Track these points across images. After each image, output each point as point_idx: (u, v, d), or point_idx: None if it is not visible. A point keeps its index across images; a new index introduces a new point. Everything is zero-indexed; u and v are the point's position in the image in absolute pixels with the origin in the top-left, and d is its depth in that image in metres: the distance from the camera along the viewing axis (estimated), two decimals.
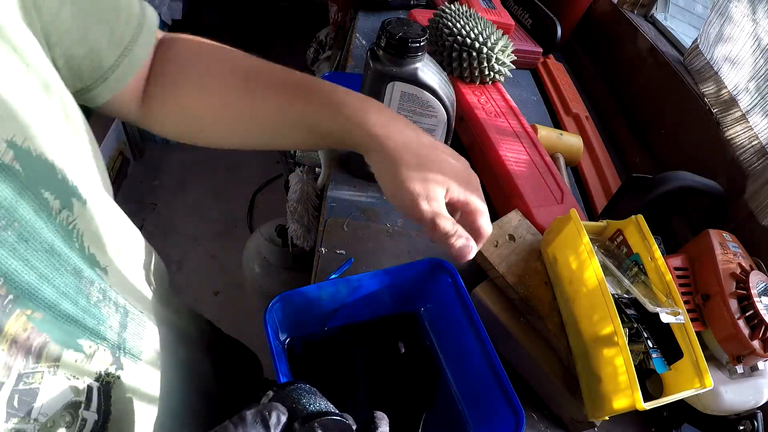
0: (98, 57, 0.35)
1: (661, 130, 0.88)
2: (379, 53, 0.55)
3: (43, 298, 0.25)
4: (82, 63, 0.34)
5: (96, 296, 0.31)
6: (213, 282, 1.69)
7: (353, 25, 1.09)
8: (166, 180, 2.01)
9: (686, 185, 0.61)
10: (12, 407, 0.23)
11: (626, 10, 1.05)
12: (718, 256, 0.52)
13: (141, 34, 0.37)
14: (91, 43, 0.34)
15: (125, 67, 0.37)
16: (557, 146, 0.81)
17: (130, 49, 0.37)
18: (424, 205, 0.39)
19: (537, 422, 0.53)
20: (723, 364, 0.51)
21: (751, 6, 0.73)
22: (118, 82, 0.37)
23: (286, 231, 1.29)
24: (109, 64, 0.36)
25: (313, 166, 1.07)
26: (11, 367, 0.23)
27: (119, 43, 0.36)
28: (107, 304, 0.32)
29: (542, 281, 0.56)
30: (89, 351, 0.29)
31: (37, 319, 0.25)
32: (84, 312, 0.29)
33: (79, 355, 0.28)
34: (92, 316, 0.30)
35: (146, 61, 0.40)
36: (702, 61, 0.83)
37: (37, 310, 0.25)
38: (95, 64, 0.35)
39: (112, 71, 0.36)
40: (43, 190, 0.25)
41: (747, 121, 0.71)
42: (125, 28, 0.36)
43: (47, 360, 0.26)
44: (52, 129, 0.27)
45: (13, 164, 0.23)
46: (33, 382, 0.25)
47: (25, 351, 0.24)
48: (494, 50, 0.81)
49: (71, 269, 0.28)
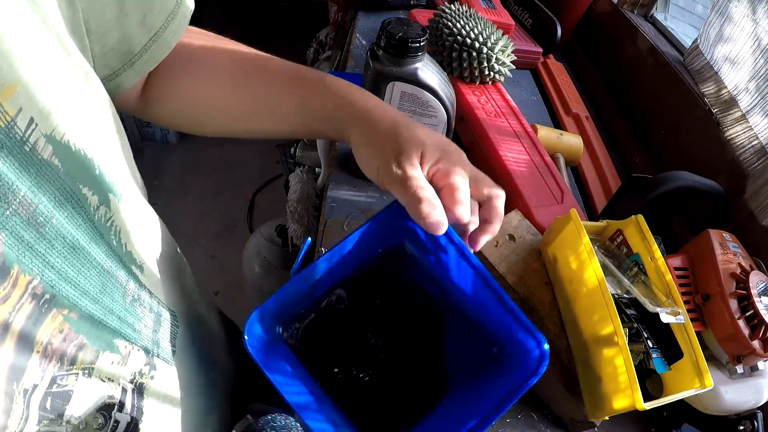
0: (129, 42, 0.34)
1: (661, 130, 0.88)
2: (379, 53, 0.55)
3: (78, 297, 0.25)
4: (114, 48, 0.33)
5: (132, 295, 0.30)
6: (213, 282, 1.70)
7: (353, 25, 1.09)
8: (166, 180, 2.01)
9: (686, 185, 0.61)
10: (44, 409, 0.23)
11: (626, 10, 1.05)
12: (718, 256, 0.52)
13: (174, 20, 0.36)
14: (125, 28, 0.33)
15: (153, 53, 0.36)
16: (557, 146, 0.81)
17: (160, 35, 0.36)
18: (393, 166, 0.36)
19: (537, 422, 0.53)
20: (723, 364, 0.51)
21: (751, 6, 0.73)
22: (144, 66, 0.36)
23: (286, 231, 1.29)
24: (138, 49, 0.35)
25: (313, 166, 1.07)
26: (45, 369, 0.23)
27: (151, 28, 0.35)
28: (142, 304, 0.32)
29: (542, 281, 0.56)
30: (125, 352, 0.29)
31: (73, 320, 0.24)
32: (121, 311, 0.29)
33: (115, 356, 0.28)
34: (128, 315, 0.29)
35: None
36: (702, 61, 0.83)
37: (73, 309, 0.24)
38: (125, 50, 0.34)
39: (140, 56, 0.35)
40: (81, 185, 0.25)
41: (747, 121, 0.71)
42: (158, 15, 0.35)
43: (83, 362, 0.25)
44: (90, 122, 0.26)
45: (52, 159, 0.22)
46: (66, 384, 0.24)
47: (60, 353, 0.24)
48: (494, 50, 0.81)
49: (109, 267, 0.28)
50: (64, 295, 0.24)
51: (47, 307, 0.23)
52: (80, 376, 0.25)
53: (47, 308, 0.23)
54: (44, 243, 0.22)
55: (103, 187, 0.27)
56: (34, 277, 0.22)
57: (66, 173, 0.23)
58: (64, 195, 0.23)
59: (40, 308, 0.22)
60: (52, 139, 0.22)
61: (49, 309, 0.23)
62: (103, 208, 0.27)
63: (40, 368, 0.22)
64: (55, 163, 0.23)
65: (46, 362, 0.23)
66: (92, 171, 0.25)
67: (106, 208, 0.27)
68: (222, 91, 0.43)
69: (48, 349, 0.23)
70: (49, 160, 0.22)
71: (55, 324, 0.23)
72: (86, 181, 0.25)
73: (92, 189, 0.25)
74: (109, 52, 0.33)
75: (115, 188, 0.28)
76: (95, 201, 0.26)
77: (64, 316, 0.24)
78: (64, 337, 0.24)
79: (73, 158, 0.24)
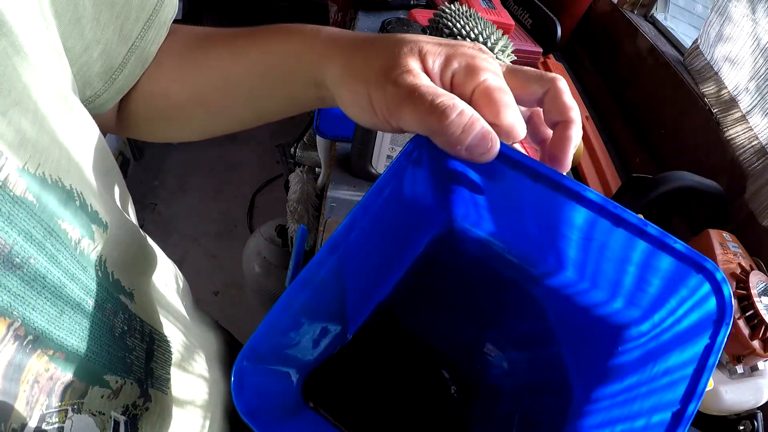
0: (109, 57, 0.31)
1: (661, 130, 0.88)
2: None
3: (63, 337, 0.23)
4: (94, 66, 0.31)
5: (120, 328, 0.29)
6: (213, 282, 1.70)
7: (353, 25, 1.09)
8: (166, 180, 2.01)
9: (686, 185, 0.61)
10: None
11: (626, 10, 1.05)
12: (718, 256, 0.52)
13: (152, 28, 0.33)
14: (104, 43, 0.30)
15: (133, 65, 0.33)
16: None
17: (137, 44, 0.33)
18: (389, 87, 0.25)
19: None
20: (723, 364, 0.51)
21: (750, 6, 0.73)
22: (126, 81, 0.34)
23: (286, 231, 1.29)
24: (118, 62, 0.32)
25: (313, 166, 1.07)
26: (33, 407, 0.22)
27: (128, 37, 0.32)
28: (132, 335, 0.30)
29: None
30: (115, 386, 0.27)
31: (59, 360, 0.23)
32: (108, 347, 0.27)
33: (106, 390, 0.27)
34: (117, 350, 0.28)
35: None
36: (702, 62, 0.83)
37: (58, 350, 0.23)
38: (107, 66, 0.31)
39: (120, 71, 0.33)
40: (60, 220, 0.23)
41: (747, 121, 0.71)
42: (135, 23, 0.32)
43: (71, 398, 0.24)
44: (69, 149, 0.24)
45: (26, 195, 0.21)
46: (56, 421, 0.23)
47: (48, 391, 0.22)
48: (494, 50, 0.81)
49: (94, 303, 0.26)
50: (48, 336, 0.22)
51: (31, 347, 0.21)
52: (69, 411, 0.24)
53: (31, 348, 0.21)
54: (23, 285, 0.21)
55: (85, 218, 0.25)
56: (15, 320, 0.21)
57: (42, 209, 0.22)
58: (40, 233, 0.22)
59: (24, 348, 0.21)
60: (25, 172, 0.21)
61: (34, 350, 0.22)
62: (86, 240, 0.25)
63: (28, 407, 0.21)
64: (29, 199, 0.21)
65: (34, 400, 0.22)
66: (71, 203, 0.24)
67: (89, 240, 0.25)
68: (174, 81, 0.37)
69: (35, 388, 0.22)
70: (21, 197, 0.20)
71: (41, 364, 0.22)
72: (65, 215, 0.23)
73: (72, 223, 0.24)
74: (89, 71, 0.30)
75: (100, 218, 0.26)
76: (76, 235, 0.24)
77: (49, 356, 0.22)
78: (50, 375, 0.23)
79: (49, 192, 0.22)
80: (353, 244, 0.24)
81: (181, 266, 0.46)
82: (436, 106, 0.23)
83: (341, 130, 0.77)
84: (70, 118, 0.25)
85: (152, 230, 1.80)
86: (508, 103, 0.24)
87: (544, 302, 0.29)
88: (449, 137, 0.23)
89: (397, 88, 0.24)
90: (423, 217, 0.28)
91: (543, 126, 0.29)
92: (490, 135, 0.23)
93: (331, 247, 0.23)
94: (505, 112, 0.24)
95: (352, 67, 0.27)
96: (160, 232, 1.79)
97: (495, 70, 0.26)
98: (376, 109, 0.26)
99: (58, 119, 0.23)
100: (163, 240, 1.76)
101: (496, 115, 0.24)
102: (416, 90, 0.24)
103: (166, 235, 1.79)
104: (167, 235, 1.79)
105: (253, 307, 1.58)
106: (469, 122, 0.23)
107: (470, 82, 0.25)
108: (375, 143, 0.62)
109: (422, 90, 0.24)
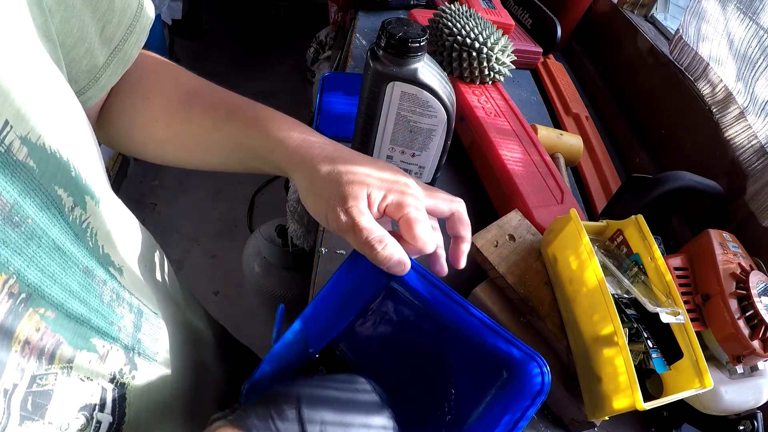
0: (93, 57, 0.34)
1: (661, 130, 0.89)
2: (379, 53, 0.55)
3: (54, 296, 0.25)
4: (81, 63, 0.33)
5: (109, 296, 0.30)
6: (213, 282, 1.70)
7: (353, 25, 1.09)
8: (166, 180, 2.01)
9: (686, 185, 0.61)
10: (26, 410, 0.23)
11: (626, 10, 1.05)
12: (718, 256, 0.52)
13: (133, 33, 0.37)
14: (88, 42, 0.33)
15: (115, 66, 0.36)
16: (557, 146, 0.81)
17: (120, 48, 0.36)
18: (341, 214, 0.34)
19: (537, 422, 0.53)
20: (723, 364, 0.51)
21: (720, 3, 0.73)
22: (109, 81, 0.36)
23: (286, 231, 1.29)
24: (101, 63, 0.35)
25: None
26: (24, 368, 0.23)
27: (110, 41, 0.35)
28: (121, 304, 0.32)
29: (542, 281, 0.56)
30: (102, 351, 0.29)
31: (49, 319, 0.25)
32: (97, 311, 0.29)
33: (93, 355, 0.28)
34: (105, 315, 0.30)
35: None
36: (690, 58, 0.83)
37: (49, 308, 0.25)
38: (91, 65, 0.34)
39: (103, 71, 0.35)
40: (57, 186, 0.25)
41: (745, 119, 0.71)
42: (117, 27, 0.35)
43: (60, 361, 0.25)
44: (66, 125, 0.26)
45: (27, 161, 0.23)
46: (46, 384, 0.24)
47: (38, 352, 0.24)
48: (494, 50, 0.81)
49: (83, 268, 0.28)
50: (40, 294, 0.24)
51: (24, 306, 0.23)
52: (59, 375, 0.25)
53: (24, 307, 0.23)
54: (20, 242, 0.23)
55: (80, 189, 0.27)
56: (10, 276, 0.22)
57: (41, 174, 0.24)
58: (39, 196, 0.24)
59: (17, 307, 0.22)
60: (28, 141, 0.23)
61: (26, 308, 0.23)
62: (78, 209, 0.27)
63: (19, 367, 0.23)
64: (31, 164, 0.23)
65: (25, 361, 0.23)
66: (68, 173, 0.26)
67: (81, 210, 0.27)
68: (158, 121, 0.42)
69: (26, 348, 0.23)
70: (24, 162, 0.22)
71: (32, 323, 0.23)
72: (62, 182, 0.25)
73: (68, 191, 0.26)
74: (77, 67, 0.33)
75: (92, 191, 0.28)
76: (70, 202, 0.26)
77: (40, 315, 0.24)
78: (41, 335, 0.24)
79: (48, 160, 0.24)
80: (312, 312, 0.38)
81: (181, 266, 0.46)
82: (369, 241, 0.34)
83: (341, 130, 0.77)
84: (65, 98, 0.27)
85: (152, 230, 1.79)
86: (422, 229, 0.36)
87: (447, 352, 0.41)
88: (376, 262, 0.35)
89: (346, 217, 0.34)
90: (369, 282, 0.40)
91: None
92: (403, 261, 0.35)
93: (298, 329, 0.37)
94: (419, 235, 0.35)
95: (317, 186, 0.36)
96: (160, 232, 1.79)
97: (416, 205, 0.37)
98: (329, 222, 0.36)
99: (56, 97, 0.26)
100: (163, 240, 1.76)
101: (412, 238, 0.35)
102: (358, 225, 0.34)
103: (166, 235, 1.79)
104: (167, 235, 1.79)
105: (253, 307, 1.58)
106: (389, 254, 0.34)
107: (398, 213, 0.36)
108: (375, 144, 0.62)
109: (361, 225, 0.34)
